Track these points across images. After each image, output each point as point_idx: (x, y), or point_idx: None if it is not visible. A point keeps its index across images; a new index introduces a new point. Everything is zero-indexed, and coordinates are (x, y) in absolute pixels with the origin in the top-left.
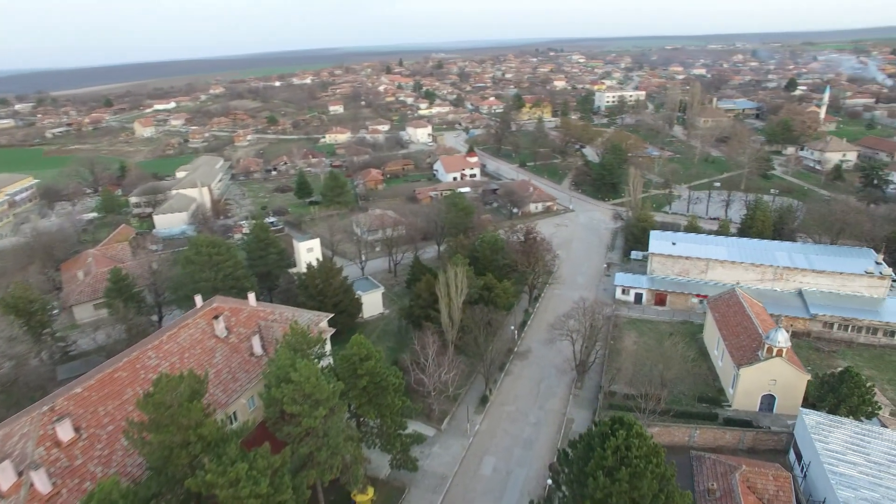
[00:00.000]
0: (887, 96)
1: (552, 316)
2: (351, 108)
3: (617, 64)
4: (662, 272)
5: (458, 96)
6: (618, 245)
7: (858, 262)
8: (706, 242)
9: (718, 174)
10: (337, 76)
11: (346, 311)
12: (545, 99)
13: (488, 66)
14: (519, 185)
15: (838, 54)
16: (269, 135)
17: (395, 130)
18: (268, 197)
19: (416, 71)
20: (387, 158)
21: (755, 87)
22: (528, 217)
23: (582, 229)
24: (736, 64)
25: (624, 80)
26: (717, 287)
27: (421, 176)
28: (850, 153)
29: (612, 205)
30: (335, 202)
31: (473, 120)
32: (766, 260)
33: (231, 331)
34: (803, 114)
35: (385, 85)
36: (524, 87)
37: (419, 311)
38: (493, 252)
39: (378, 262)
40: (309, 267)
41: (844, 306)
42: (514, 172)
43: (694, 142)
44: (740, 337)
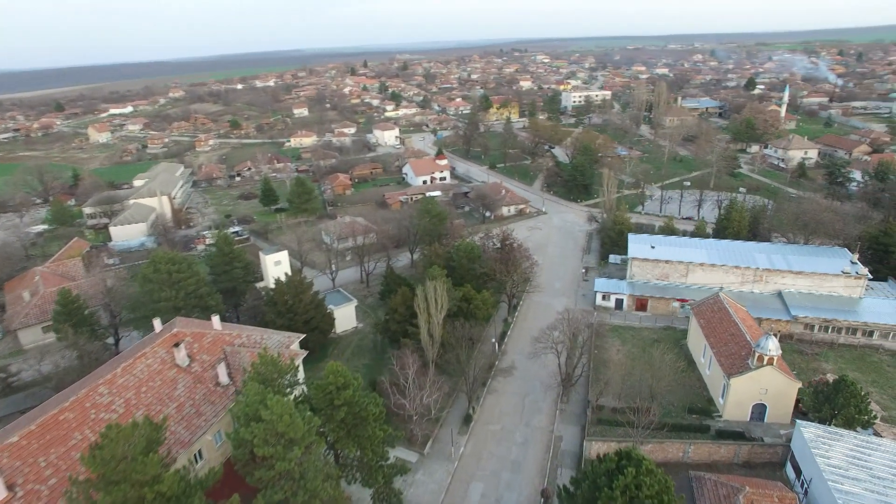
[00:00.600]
0: (840, 95)
1: (532, 325)
2: (316, 111)
3: (581, 64)
4: (642, 276)
5: (424, 97)
6: (594, 248)
7: (834, 262)
8: (685, 245)
9: (687, 173)
10: (301, 78)
11: (318, 327)
12: (512, 99)
13: (454, 67)
14: (491, 187)
15: (791, 54)
16: (232, 139)
17: (362, 133)
18: (232, 205)
19: (381, 72)
20: (354, 162)
21: (716, 86)
22: (500, 220)
23: (556, 232)
24: (696, 63)
25: (589, 79)
26: (697, 291)
27: (390, 180)
28: (812, 151)
29: (585, 206)
30: (302, 209)
31: (441, 121)
32: (745, 262)
33: (194, 359)
34: (765, 112)
35: (350, 87)
36: (490, 87)
37: (396, 326)
38: (469, 260)
39: (349, 272)
40: (277, 282)
41: (824, 307)
42: (484, 174)
43: (662, 141)
44: (728, 345)
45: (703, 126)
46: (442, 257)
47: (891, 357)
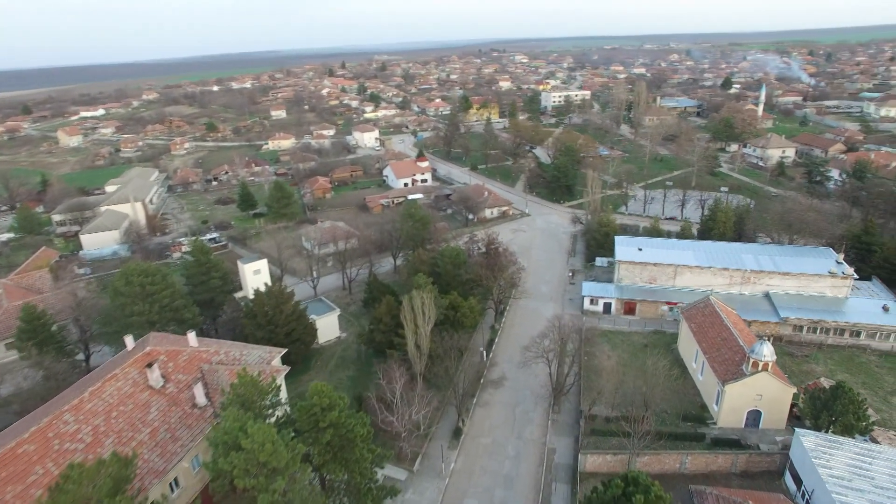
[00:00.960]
0: (813, 95)
1: (520, 331)
2: (294, 113)
3: (560, 64)
4: (630, 280)
5: (403, 98)
6: (579, 250)
7: (821, 263)
8: (672, 247)
9: (668, 172)
10: (278, 80)
11: (299, 339)
12: (492, 100)
13: (433, 68)
14: (473, 189)
15: (764, 54)
16: (209, 142)
17: (341, 135)
18: (209, 210)
19: (359, 73)
20: (334, 165)
21: (693, 85)
22: (483, 223)
23: (541, 234)
24: (673, 63)
25: (568, 79)
26: (686, 293)
27: (370, 182)
28: (789, 150)
29: (568, 207)
30: (281, 214)
31: (421, 122)
32: (733, 264)
33: (168, 379)
34: (743, 112)
35: (328, 88)
36: (470, 87)
37: (381, 336)
38: (455, 266)
39: (331, 279)
40: (257, 293)
41: (811, 308)
42: (465, 176)
43: (642, 141)
44: (721, 350)
45: (682, 125)
46: (426, 263)
47: (878, 357)
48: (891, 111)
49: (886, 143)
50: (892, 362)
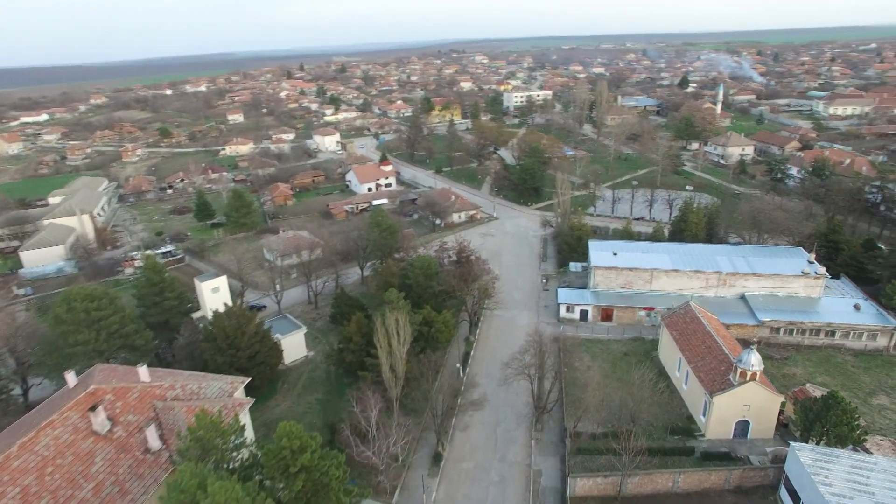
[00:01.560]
0: (765, 94)
1: (496, 344)
2: (252, 117)
3: (520, 64)
4: (606, 285)
5: (364, 101)
6: (550, 254)
7: (793, 263)
8: (647, 250)
9: (633, 172)
10: (234, 83)
11: (264, 361)
12: (454, 101)
13: (393, 69)
14: (439, 193)
15: (716, 54)
16: (163, 148)
17: (301, 139)
18: (164, 220)
19: (318, 75)
20: (295, 170)
21: (651, 84)
22: (451, 228)
23: (510, 238)
24: (630, 63)
25: (528, 79)
26: (663, 297)
27: (333, 188)
28: (748, 147)
29: (536, 210)
30: (241, 224)
31: (382, 125)
32: (709, 266)
33: (116, 421)
34: (702, 110)
35: (287, 91)
36: (431, 89)
37: (352, 356)
38: (426, 278)
39: (296, 292)
40: (216, 315)
41: (787, 309)
42: (430, 179)
43: (605, 140)
44: (706, 359)
45: (644, 124)
46: (397, 275)
47: (854, 357)
48: (838, 110)
49: (838, 141)
50: (867, 361)
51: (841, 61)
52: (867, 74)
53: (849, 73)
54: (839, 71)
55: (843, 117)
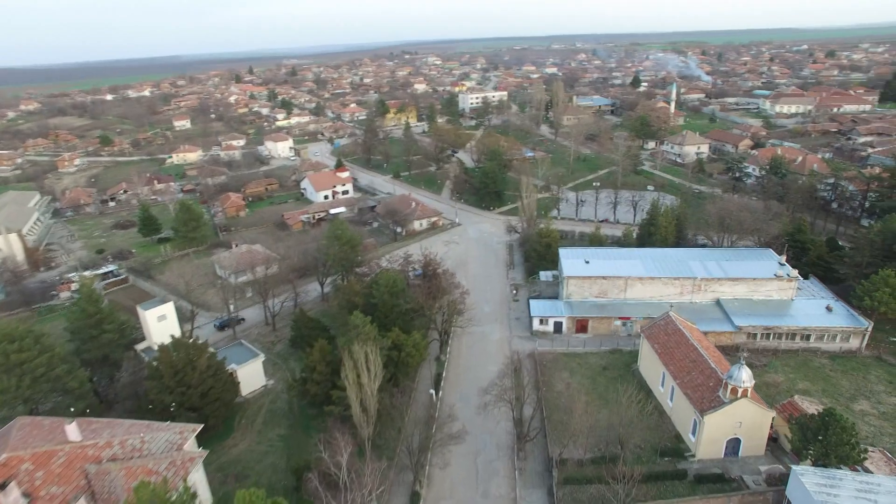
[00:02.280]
0: (714, 92)
1: (469, 362)
2: (200, 123)
3: (473, 65)
4: (580, 295)
5: (317, 104)
6: (518, 261)
7: (765, 266)
8: (619, 257)
9: (593, 172)
10: (180, 87)
11: (218, 398)
12: (409, 103)
13: (345, 72)
14: (399, 200)
15: (664, 54)
16: (104, 157)
17: (253, 145)
18: (105, 236)
19: (268, 79)
20: (247, 178)
21: (604, 83)
22: (413, 236)
23: (475, 245)
24: (582, 63)
25: (482, 80)
26: (638, 305)
27: (288, 196)
28: (704, 146)
29: (499, 214)
30: (190, 238)
31: (337, 129)
32: (683, 272)
33: (36, 496)
34: (657, 109)
35: (236, 95)
36: (385, 91)
37: (316, 388)
38: (392, 296)
39: (251, 312)
40: (162, 349)
41: (762, 313)
42: (388, 185)
43: (564, 140)
44: (692, 374)
45: (601, 124)
46: (360, 294)
47: (830, 360)
48: (783, 108)
49: (786, 139)
50: (843, 364)
51: (778, 61)
52: (804, 74)
53: (788, 72)
54: (778, 70)
55: (788, 115)
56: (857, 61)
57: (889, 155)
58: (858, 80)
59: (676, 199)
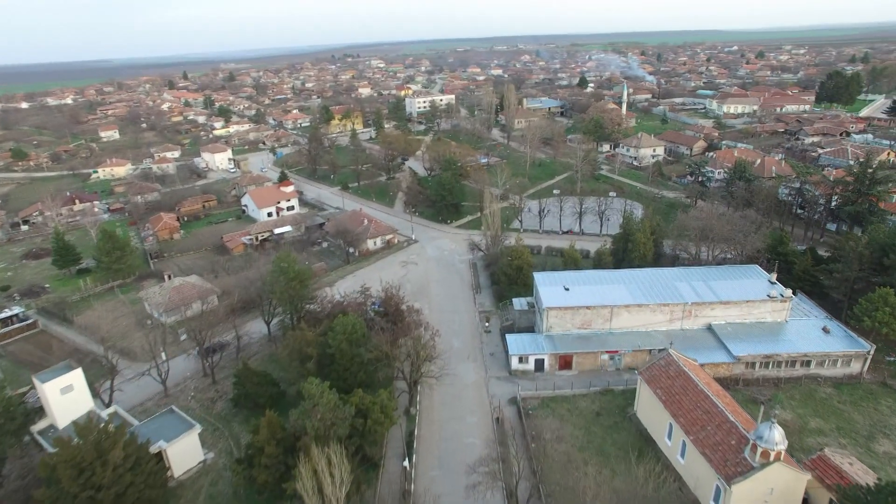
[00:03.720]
0: (660, 93)
1: (444, 414)
2: (129, 133)
3: (417, 67)
4: (561, 327)
5: (257, 111)
6: (484, 283)
7: (756, 285)
8: (601, 281)
9: (550, 178)
10: (108, 94)
11: (140, 497)
12: (354, 108)
13: (286, 76)
14: (350, 217)
15: (605, 54)
16: (17, 173)
17: (189, 157)
18: (14, 268)
19: (204, 85)
20: (182, 195)
21: (550, 85)
22: (367, 257)
23: (435, 265)
24: (527, 64)
25: (428, 83)
26: (625, 336)
27: (228, 214)
28: (659, 148)
29: (457, 228)
30: (115, 269)
31: (279, 137)
32: (672, 297)
33: None
34: (609, 111)
35: (169, 103)
36: (328, 96)
37: (265, 475)
38: (352, 344)
39: (186, 362)
40: (62, 446)
41: (759, 339)
42: (336, 197)
43: (517, 145)
44: (707, 428)
45: (555, 127)
46: (313, 343)
47: (835, 390)
48: (730, 108)
49: (736, 139)
50: (849, 393)
51: (715, 62)
52: (740, 74)
53: (725, 72)
54: (716, 70)
55: (735, 115)
56: (784, 62)
57: (837, 155)
58: (791, 81)
59: (647, 210)
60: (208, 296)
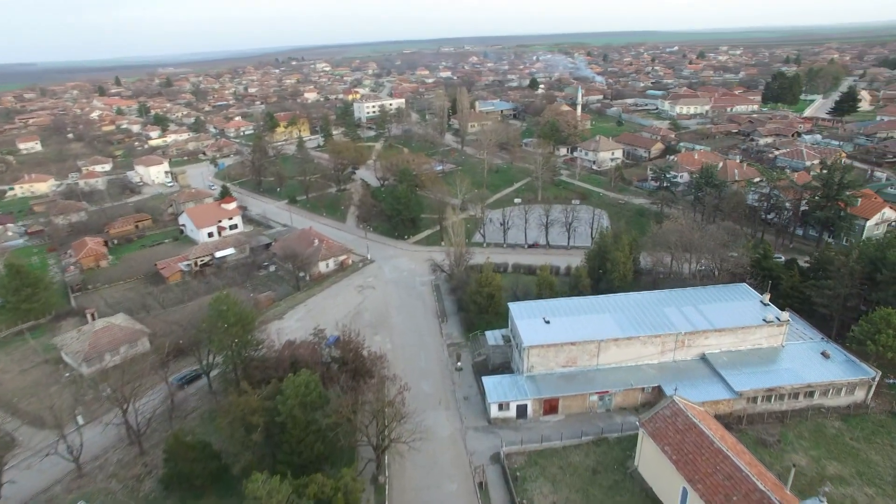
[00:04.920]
0: (611, 93)
1: (415, 480)
2: (53, 144)
3: (365, 70)
4: (544, 366)
5: (196, 119)
6: (450, 309)
7: (748, 308)
8: (583, 310)
9: (508, 185)
10: (29, 101)
11: None
12: (300, 115)
13: (227, 81)
14: (299, 237)
15: (552, 55)
16: None
17: (121, 170)
18: None
19: (139, 90)
20: (112, 213)
21: (500, 86)
22: (319, 281)
23: (395, 289)
24: (475, 65)
25: (376, 86)
26: (614, 373)
27: (164, 235)
28: (618, 151)
29: (415, 244)
30: (24, 309)
31: (220, 147)
32: (664, 327)
33: None
34: (564, 113)
35: (100, 110)
36: (273, 102)
37: None
38: (306, 409)
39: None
40: None
41: (757, 369)
42: (284, 213)
43: (471, 150)
44: (732, 499)
45: (510, 131)
46: (260, 411)
47: (844, 424)
48: (682, 109)
49: (692, 141)
50: (860, 427)
51: (659, 62)
52: (685, 74)
53: (670, 72)
54: (662, 71)
55: (689, 116)
56: (724, 62)
57: (793, 157)
58: (735, 81)
59: (621, 224)
60: (137, 339)
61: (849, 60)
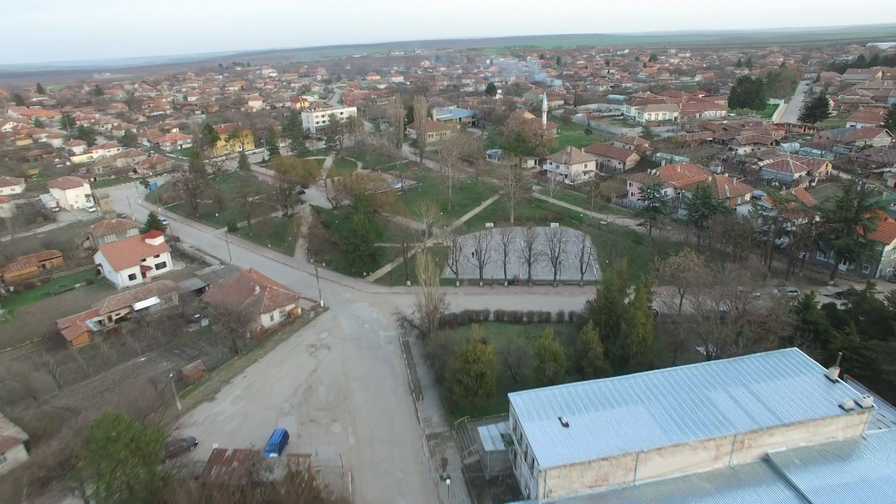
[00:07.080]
0: (572, 99)
1: None
2: None
3: (313, 76)
4: (566, 488)
5: (127, 132)
6: (425, 381)
7: (811, 387)
8: (609, 402)
9: (476, 204)
10: None
11: None
12: (243, 126)
13: (165, 88)
14: (237, 282)
15: (504, 59)
16: None
17: (35, 192)
18: None
19: (65, 99)
20: (14, 250)
21: (455, 92)
22: (262, 341)
23: (354, 349)
24: (428, 70)
25: (325, 94)
26: (655, 489)
27: (75, 279)
28: (590, 163)
29: (376, 283)
30: None
31: (154, 164)
32: (715, 424)
33: None
34: (528, 122)
35: (15, 122)
36: (214, 111)
37: None
38: None
39: None
40: None
41: (841, 476)
42: (222, 244)
43: (432, 163)
44: None
45: (472, 142)
46: None
47: None
48: (651, 115)
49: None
50: None
51: (613, 65)
52: (641, 77)
53: (627, 76)
54: (618, 74)
55: (658, 123)
56: (677, 65)
57: (780, 168)
58: (694, 85)
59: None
60: (8, 449)
61: (794, 64)
